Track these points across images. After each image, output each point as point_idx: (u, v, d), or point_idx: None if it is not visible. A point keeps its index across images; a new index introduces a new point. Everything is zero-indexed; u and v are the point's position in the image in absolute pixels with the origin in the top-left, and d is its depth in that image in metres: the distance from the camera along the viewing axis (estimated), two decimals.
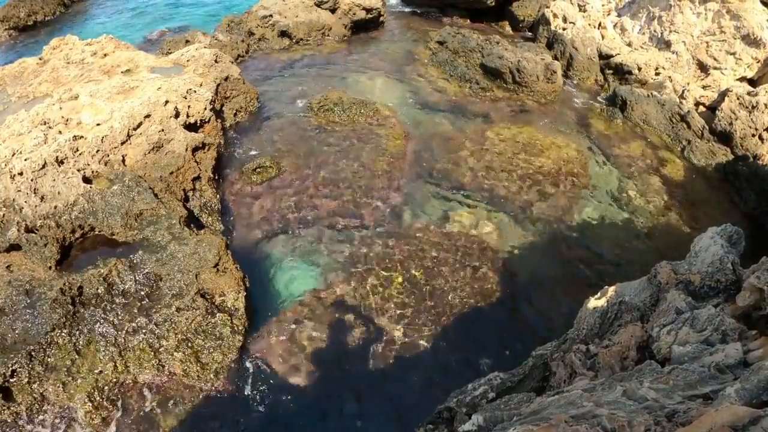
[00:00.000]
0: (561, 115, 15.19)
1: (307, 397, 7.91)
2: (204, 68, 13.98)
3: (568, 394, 4.12)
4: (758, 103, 13.29)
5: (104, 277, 8.46)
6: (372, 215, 11.11)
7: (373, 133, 13.61)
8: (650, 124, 14.58)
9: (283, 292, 9.42)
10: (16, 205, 9.06)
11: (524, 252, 10.57)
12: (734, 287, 5.32)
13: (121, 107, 11.02)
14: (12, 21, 20.76)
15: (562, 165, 12.93)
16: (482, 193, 11.91)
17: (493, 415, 4.25)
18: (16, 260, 8.58)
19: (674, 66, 16.17)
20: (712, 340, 4.50)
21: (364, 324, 8.95)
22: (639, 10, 17.55)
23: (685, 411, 3.24)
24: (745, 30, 14.83)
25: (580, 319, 6.44)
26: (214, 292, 8.64)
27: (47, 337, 7.60)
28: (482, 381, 6.35)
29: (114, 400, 7.56)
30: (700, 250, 5.78)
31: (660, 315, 5.26)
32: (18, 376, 7.29)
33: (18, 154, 9.58)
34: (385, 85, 16.07)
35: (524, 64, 15.71)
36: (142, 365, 7.88)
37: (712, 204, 12.44)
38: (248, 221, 10.78)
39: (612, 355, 5.21)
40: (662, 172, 13.17)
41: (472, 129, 14.18)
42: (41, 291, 8.11)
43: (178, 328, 8.13)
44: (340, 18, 19.86)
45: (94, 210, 9.40)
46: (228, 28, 18.88)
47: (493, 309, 9.38)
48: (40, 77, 12.85)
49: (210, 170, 11.56)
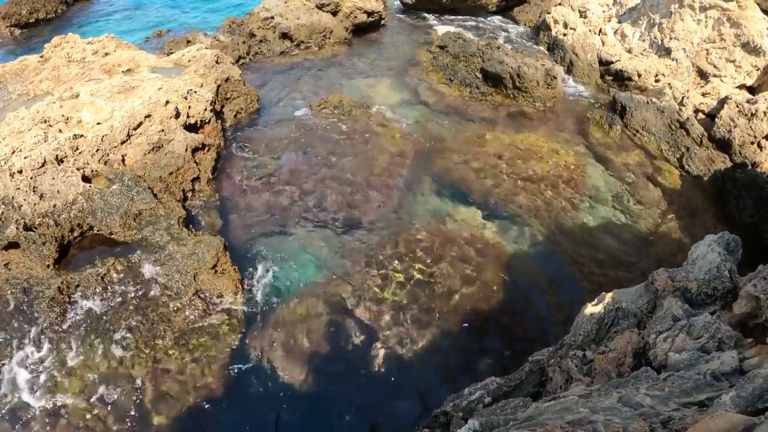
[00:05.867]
0: (560, 121, 15.23)
1: (304, 398, 7.90)
2: (205, 69, 14.00)
3: (564, 400, 4.13)
4: (757, 110, 13.34)
5: (102, 277, 8.46)
6: (372, 216, 11.12)
7: (373, 135, 13.63)
8: (649, 131, 14.61)
9: (282, 292, 9.42)
10: (15, 203, 9.06)
11: (522, 256, 10.58)
12: (731, 295, 5.34)
13: (122, 107, 11.03)
14: (14, 18, 20.76)
15: (561, 170, 12.95)
16: (481, 196, 11.93)
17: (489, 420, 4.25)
18: (14, 258, 8.58)
19: (674, 73, 16.23)
20: (708, 348, 4.51)
21: (362, 324, 8.95)
22: (639, 17, 17.62)
23: (681, 418, 3.25)
24: (745, 38, 14.89)
25: (577, 324, 6.46)
26: (213, 293, 8.65)
27: (44, 334, 7.59)
28: (479, 385, 6.36)
29: (110, 398, 7.54)
30: (698, 258, 5.80)
31: (656, 322, 5.27)
32: (15, 374, 7.28)
33: (18, 152, 9.58)
34: (386, 88, 16.10)
35: (525, 69, 15.75)
36: (139, 364, 7.87)
37: (709, 211, 12.46)
38: (247, 222, 10.78)
39: (608, 362, 5.22)
40: (661, 179, 13.20)
41: (472, 132, 14.22)
42: (39, 289, 8.12)
43: (175, 328, 8.13)
44: (341, 21, 19.91)
45: (93, 209, 9.41)
46: (229, 29, 18.92)
47: (491, 313, 9.39)
48: (41, 75, 12.86)
49: (209, 171, 11.57)
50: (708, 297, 5.46)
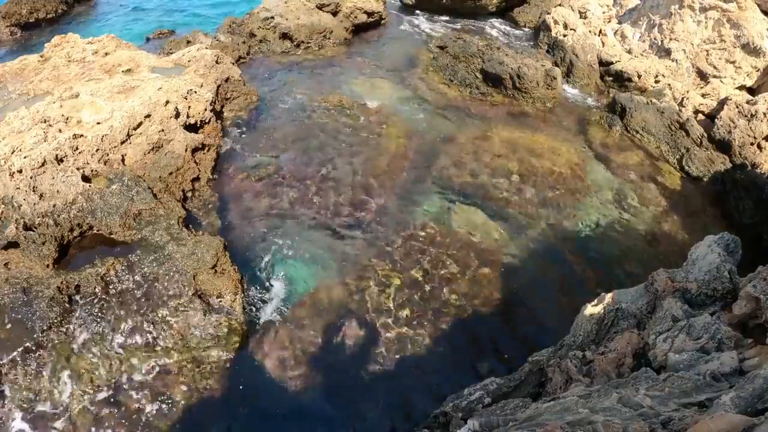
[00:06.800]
0: (560, 122, 15.24)
1: (303, 399, 7.90)
2: (205, 69, 14.00)
3: (563, 400, 4.13)
4: (757, 111, 13.34)
5: (102, 276, 8.46)
6: (371, 217, 11.12)
7: (373, 135, 13.63)
8: (649, 132, 14.62)
9: (281, 292, 9.41)
10: (14, 203, 9.06)
11: (522, 257, 10.58)
12: (731, 296, 5.34)
13: (122, 106, 11.02)
14: (14, 18, 20.74)
15: (560, 171, 12.96)
16: (481, 197, 11.93)
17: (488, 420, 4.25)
18: (13, 258, 8.57)
19: (674, 74, 16.24)
20: (708, 348, 4.51)
21: (362, 325, 8.95)
22: (639, 18, 17.62)
23: (680, 418, 3.25)
24: (744, 39, 14.90)
25: (577, 325, 6.46)
26: (212, 293, 8.64)
27: (44, 335, 7.59)
28: (478, 386, 6.36)
29: (110, 399, 7.53)
30: (697, 258, 5.80)
31: (656, 322, 5.27)
32: (14, 374, 7.28)
33: (18, 152, 9.58)
34: (386, 89, 16.10)
35: (524, 70, 15.76)
36: (138, 365, 7.87)
37: (709, 212, 12.47)
38: (247, 222, 10.78)
39: (608, 362, 5.22)
40: (660, 180, 13.20)
41: (472, 133, 14.22)
42: (38, 289, 8.11)
43: (174, 329, 8.12)
44: (341, 21, 19.91)
45: (92, 209, 9.40)
46: (229, 29, 18.93)
47: (491, 313, 9.39)
48: (41, 75, 12.86)
49: (209, 171, 11.57)
50: (708, 298, 5.47)
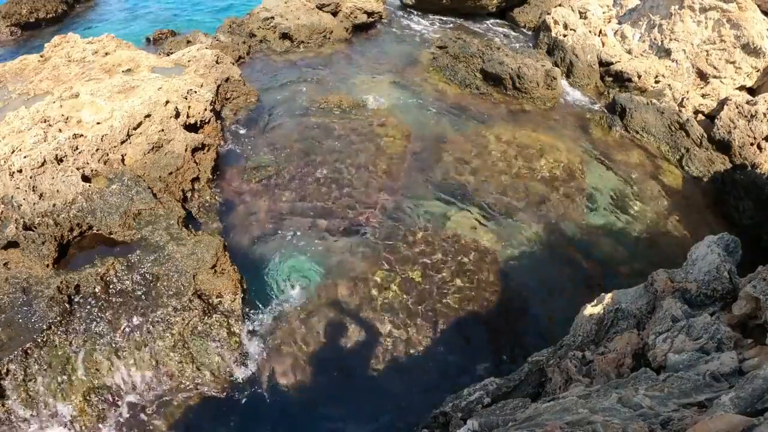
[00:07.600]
0: (560, 122, 15.24)
1: (303, 399, 7.90)
2: (205, 69, 14.00)
3: (563, 401, 4.13)
4: (757, 112, 13.35)
5: (101, 276, 8.45)
6: (371, 217, 11.12)
7: (373, 135, 13.63)
8: (649, 132, 14.62)
9: (281, 292, 9.42)
10: (14, 203, 9.06)
11: (522, 257, 10.58)
12: (730, 296, 5.34)
13: (122, 106, 11.02)
14: (14, 18, 20.73)
15: (561, 171, 12.96)
16: (481, 197, 11.93)
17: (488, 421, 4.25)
18: (13, 257, 8.57)
19: (674, 74, 16.24)
20: (708, 349, 4.51)
21: (362, 326, 8.95)
22: (639, 18, 17.62)
23: (680, 419, 3.25)
24: (745, 39, 14.90)
25: (577, 325, 6.46)
26: (212, 293, 8.64)
27: (43, 335, 7.59)
28: (478, 386, 6.36)
29: (109, 399, 7.53)
30: (697, 259, 5.80)
31: (656, 323, 5.27)
32: (13, 374, 7.27)
33: (17, 152, 9.58)
34: (386, 89, 16.10)
35: (524, 70, 15.76)
36: (138, 365, 7.86)
37: (709, 212, 12.47)
38: (247, 222, 10.78)
39: (608, 362, 5.22)
40: (660, 180, 13.21)
41: (471, 133, 14.22)
42: (38, 289, 8.10)
43: (174, 329, 8.12)
44: (341, 21, 19.91)
45: (92, 209, 9.40)
46: (229, 29, 18.93)
47: (490, 313, 9.39)
48: (41, 75, 12.86)
49: (209, 171, 11.56)
50: (707, 298, 5.47)
